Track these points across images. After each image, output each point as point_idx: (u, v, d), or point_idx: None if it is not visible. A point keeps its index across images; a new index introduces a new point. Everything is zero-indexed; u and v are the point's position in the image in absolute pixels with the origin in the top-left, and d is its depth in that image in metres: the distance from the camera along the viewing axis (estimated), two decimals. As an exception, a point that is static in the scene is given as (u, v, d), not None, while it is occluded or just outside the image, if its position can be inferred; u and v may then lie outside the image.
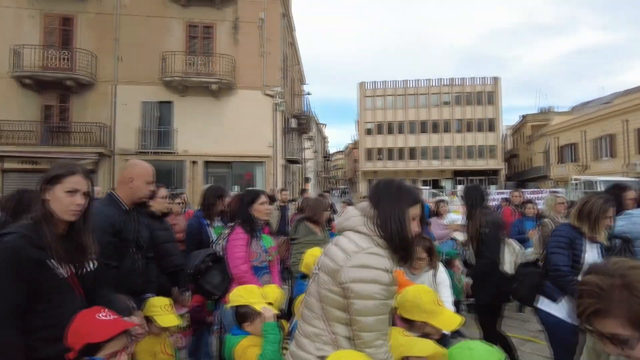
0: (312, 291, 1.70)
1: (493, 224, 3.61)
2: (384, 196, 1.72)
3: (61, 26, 17.77)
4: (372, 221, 1.67)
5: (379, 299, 1.53)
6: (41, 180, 1.81)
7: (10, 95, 17.16)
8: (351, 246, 1.62)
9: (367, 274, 1.54)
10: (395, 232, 1.63)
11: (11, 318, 1.61)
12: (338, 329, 1.59)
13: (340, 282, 1.56)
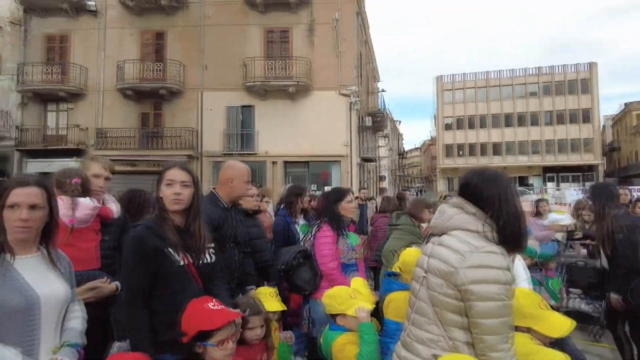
0: (422, 295, 1.63)
1: (628, 228, 3.19)
2: (490, 189, 1.60)
3: (155, 41, 19.46)
4: (482, 217, 1.57)
5: (501, 299, 1.45)
6: (156, 181, 2.03)
7: (115, 106, 19.23)
8: (463, 246, 1.53)
9: (487, 274, 1.46)
10: (512, 227, 1.54)
11: (141, 298, 1.85)
12: (456, 334, 1.52)
13: (457, 284, 1.49)
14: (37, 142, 19.17)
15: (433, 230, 1.75)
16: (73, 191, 2.18)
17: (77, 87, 19.08)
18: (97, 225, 2.38)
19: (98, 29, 19.47)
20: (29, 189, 1.58)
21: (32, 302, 1.54)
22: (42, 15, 19.59)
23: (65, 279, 1.71)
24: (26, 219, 1.55)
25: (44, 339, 1.58)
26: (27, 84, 18.96)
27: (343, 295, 2.35)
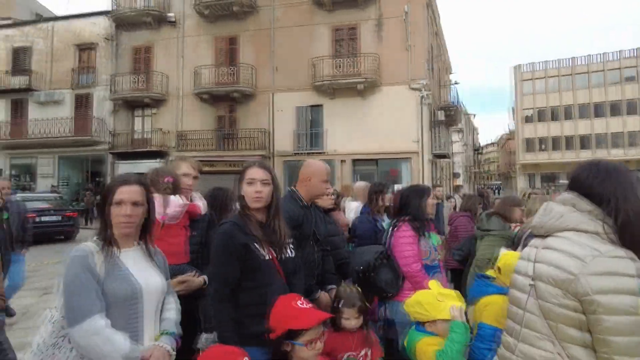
0: (531, 307, 1.42)
1: None
2: (606, 184, 1.37)
3: (228, 46, 20.37)
4: (601, 216, 1.34)
5: (636, 313, 1.22)
6: (237, 180, 2.09)
7: (193, 110, 20.47)
8: (582, 250, 1.31)
9: (617, 283, 1.23)
10: (637, 228, 1.29)
11: (228, 292, 1.92)
12: (576, 352, 1.30)
13: (578, 294, 1.28)
14: (126, 145, 21.00)
15: (536, 232, 1.55)
16: (165, 189, 2.28)
17: (159, 93, 20.59)
18: (186, 221, 2.48)
19: (177, 38, 20.83)
20: (132, 187, 1.70)
21: (136, 292, 1.64)
22: (129, 30, 21.39)
23: (161, 272, 1.79)
24: (130, 215, 1.66)
25: (146, 327, 1.68)
26: (118, 92, 20.84)
27: (430, 301, 2.21)
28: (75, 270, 1.57)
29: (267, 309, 1.83)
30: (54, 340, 1.60)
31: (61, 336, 1.61)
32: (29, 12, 26.95)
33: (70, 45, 22.45)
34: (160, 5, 20.81)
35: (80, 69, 22.35)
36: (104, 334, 1.52)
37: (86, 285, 1.55)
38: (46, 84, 22.55)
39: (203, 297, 2.47)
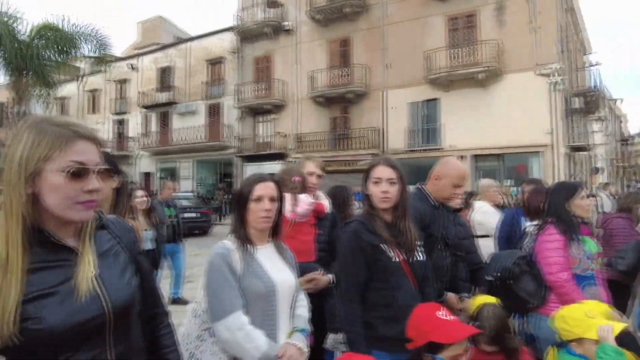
0: None
1: None
2: None
3: (340, 48, 20.73)
4: None
5: None
6: (363, 178, 2.03)
7: (309, 113, 21.33)
8: None
9: None
10: None
11: (357, 293, 1.86)
12: None
13: None
14: (251, 149, 22.80)
15: None
16: (294, 188, 2.34)
17: (279, 99, 21.89)
18: (313, 220, 2.51)
19: (293, 45, 21.90)
20: (268, 184, 1.76)
21: (270, 288, 1.67)
22: (252, 42, 23.17)
23: (292, 269, 1.82)
24: (269, 209, 1.72)
25: (281, 324, 1.71)
26: (243, 101, 22.72)
27: (576, 316, 1.88)
28: (219, 266, 1.65)
29: (396, 313, 1.76)
30: (198, 332, 1.71)
31: (204, 329, 1.71)
32: (172, 37, 30.97)
33: (203, 61, 25.21)
34: (278, 15, 22.11)
35: (211, 82, 24.94)
36: (246, 330, 1.57)
37: (229, 281, 1.62)
38: (185, 97, 25.71)
39: (329, 296, 2.47)
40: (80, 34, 13.50)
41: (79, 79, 30.71)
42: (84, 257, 1.01)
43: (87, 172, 0.98)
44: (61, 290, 0.96)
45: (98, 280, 1.01)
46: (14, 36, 12.30)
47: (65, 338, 0.94)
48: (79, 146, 0.98)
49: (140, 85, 27.89)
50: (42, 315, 0.91)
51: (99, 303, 0.99)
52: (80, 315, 0.96)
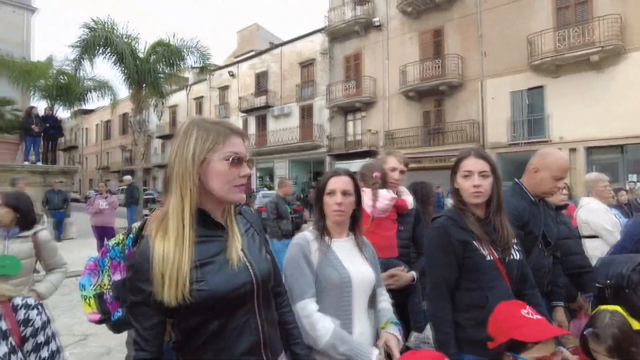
0: None
1: None
2: None
3: (433, 39, 19.96)
4: None
5: None
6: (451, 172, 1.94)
7: (399, 109, 20.93)
8: None
9: None
10: None
11: (446, 290, 1.78)
12: None
13: None
14: (341, 147, 23.09)
15: None
16: (374, 184, 2.32)
17: (368, 96, 21.81)
18: (394, 216, 2.46)
19: (382, 41, 21.65)
20: (342, 178, 1.79)
21: (346, 279, 1.68)
22: (341, 41, 23.44)
23: (371, 264, 1.80)
24: (340, 203, 1.74)
25: (356, 316, 1.70)
26: (333, 100, 23.09)
27: None
28: (294, 255, 1.71)
29: (488, 315, 1.62)
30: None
31: None
32: (267, 42, 32.66)
33: (295, 64, 26.17)
34: (367, 12, 22.04)
35: (302, 84, 25.79)
36: (313, 318, 1.59)
37: (302, 270, 1.67)
38: (279, 100, 26.95)
39: (412, 294, 2.41)
40: (185, 47, 14.90)
41: (186, 88, 34.04)
42: (233, 233, 1.21)
43: (241, 161, 1.19)
44: (218, 260, 1.15)
45: (245, 253, 1.20)
46: (134, 54, 14.01)
47: (224, 300, 1.11)
48: (234, 140, 1.19)
49: (239, 91, 29.91)
50: (207, 279, 1.10)
51: (248, 272, 1.18)
52: (235, 280, 1.14)
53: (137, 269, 1.09)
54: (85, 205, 8.83)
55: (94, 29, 13.30)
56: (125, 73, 14.14)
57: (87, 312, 1.67)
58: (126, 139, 35.79)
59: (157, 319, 1.09)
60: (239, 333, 1.16)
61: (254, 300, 1.19)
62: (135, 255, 1.12)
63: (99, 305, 1.65)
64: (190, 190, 1.11)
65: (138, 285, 1.08)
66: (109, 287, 1.67)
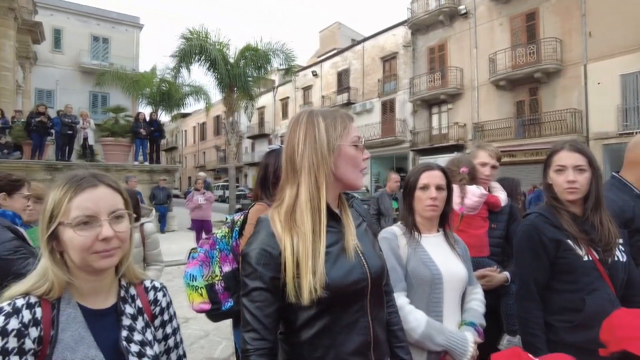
0: None
1: None
2: None
3: (525, 23, 18.45)
4: None
5: None
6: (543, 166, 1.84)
7: (489, 99, 19.71)
8: None
9: None
10: None
11: (535, 291, 1.70)
12: None
13: None
14: (425, 142, 22.38)
15: None
16: (461, 180, 2.24)
17: (454, 88, 20.86)
18: (485, 213, 2.36)
19: (469, 29, 20.53)
20: (435, 172, 1.77)
21: (436, 276, 1.66)
22: (424, 32, 22.70)
23: (463, 261, 1.76)
24: (435, 197, 1.72)
25: (447, 314, 1.67)
26: (416, 94, 22.47)
27: None
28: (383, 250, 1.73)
29: (585, 319, 1.54)
30: None
31: None
32: (348, 40, 32.80)
33: (377, 59, 25.93)
34: (452, 1, 21.07)
35: (384, 79, 25.46)
36: (405, 310, 1.58)
37: (391, 263, 1.66)
38: (360, 96, 26.93)
39: (506, 295, 2.29)
40: (272, 51, 15.56)
41: (272, 90, 35.51)
42: (349, 226, 1.15)
43: (362, 146, 1.18)
44: (333, 252, 1.10)
45: (359, 247, 1.15)
46: (225, 60, 14.99)
47: (340, 295, 1.06)
48: (353, 124, 1.18)
49: (321, 90, 30.46)
50: (326, 270, 1.05)
51: (363, 268, 1.12)
52: (352, 275, 1.09)
53: (258, 255, 1.06)
54: (185, 201, 9.67)
55: (190, 38, 14.50)
56: (217, 78, 15.20)
57: (197, 301, 1.80)
58: (220, 139, 38.46)
59: (277, 306, 1.07)
60: (349, 331, 1.09)
61: (366, 298, 1.12)
62: (254, 242, 1.09)
63: (210, 295, 1.78)
64: (326, 178, 1.10)
65: (260, 271, 1.05)
66: (220, 278, 1.80)
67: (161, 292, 1.12)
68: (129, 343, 0.96)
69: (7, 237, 2.05)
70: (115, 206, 0.95)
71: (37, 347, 0.86)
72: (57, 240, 0.93)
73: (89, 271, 0.94)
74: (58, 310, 0.91)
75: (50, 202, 0.93)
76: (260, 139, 38.27)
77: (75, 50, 25.33)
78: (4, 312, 0.86)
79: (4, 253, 2.00)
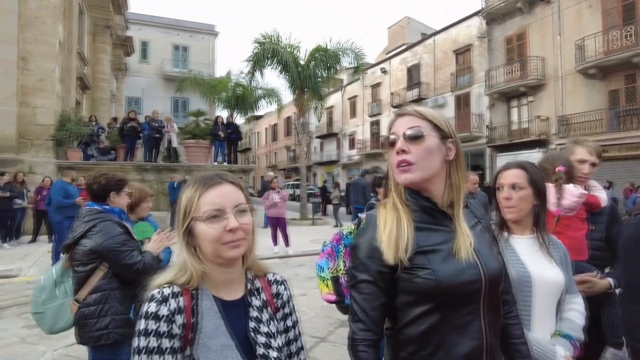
0: None
1: None
2: None
3: (621, 2, 16.62)
4: None
5: None
6: None
7: (576, 90, 18.09)
8: None
9: None
10: None
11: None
12: None
13: None
14: (503, 137, 21.09)
15: None
16: (557, 179, 2.08)
17: (535, 79, 19.42)
18: (584, 214, 2.17)
19: (552, 14, 18.99)
20: (510, 171, 1.68)
21: (525, 279, 1.56)
22: (500, 22, 21.40)
23: (560, 265, 1.64)
24: (507, 197, 1.65)
25: (536, 320, 1.57)
26: (493, 86, 21.26)
27: None
28: None
29: None
30: None
31: None
32: (418, 35, 31.96)
33: (449, 52, 24.96)
34: (532, -15, 19.66)
35: (458, 72, 24.42)
36: None
37: None
38: (432, 91, 26.11)
39: (609, 304, 2.10)
40: (341, 50, 15.65)
41: (341, 89, 35.69)
42: (461, 225, 1.13)
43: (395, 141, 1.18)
44: (443, 249, 1.08)
45: (474, 247, 1.11)
46: (296, 62, 15.35)
47: (451, 293, 1.05)
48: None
49: (390, 87, 30.01)
50: (434, 267, 1.05)
51: (477, 269, 1.08)
52: (463, 275, 1.05)
53: (366, 248, 1.10)
54: (262, 199, 10.07)
55: (262, 43, 15.04)
56: (289, 80, 15.61)
57: (325, 291, 1.92)
58: (290, 140, 39.53)
59: (384, 300, 1.09)
60: (461, 333, 1.07)
61: (480, 301, 1.08)
62: (363, 235, 1.14)
63: (335, 288, 1.87)
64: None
65: (367, 263, 1.09)
66: (344, 272, 1.88)
67: (282, 285, 1.17)
68: (257, 334, 1.02)
69: (117, 231, 2.32)
70: (239, 201, 1.02)
71: (181, 333, 0.95)
72: (191, 236, 1.02)
73: (220, 262, 1.01)
74: (197, 300, 0.99)
75: (184, 200, 1.03)
76: (329, 138, 38.66)
77: (159, 59, 27.49)
78: (155, 299, 0.96)
79: (115, 245, 2.27)
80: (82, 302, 2.25)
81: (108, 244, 2.24)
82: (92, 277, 2.27)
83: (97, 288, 2.26)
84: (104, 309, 2.24)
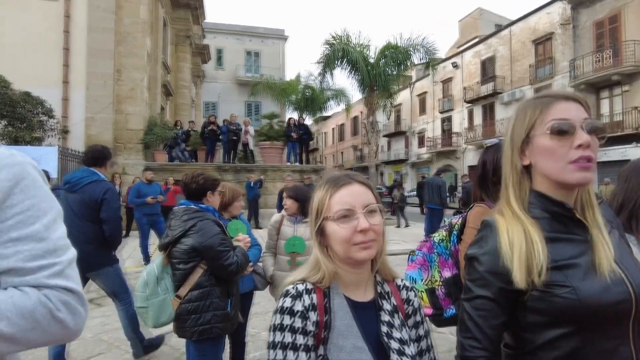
0: None
1: None
2: None
3: None
4: None
5: None
6: None
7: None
8: None
9: None
10: None
11: None
12: None
13: None
14: (593, 132, 19.25)
15: None
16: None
17: (632, 66, 17.52)
18: None
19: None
20: None
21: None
22: (588, 5, 19.59)
23: None
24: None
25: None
26: (579, 77, 19.55)
27: None
28: None
29: None
30: None
31: None
32: (492, 26, 30.31)
33: (527, 43, 23.34)
34: (626, -38, 17.75)
35: (537, 63, 22.77)
36: None
37: None
38: (508, 85, 24.61)
39: None
40: (412, 46, 15.29)
41: (409, 86, 34.90)
42: (602, 234, 0.97)
43: (572, 128, 0.94)
44: (581, 264, 0.93)
45: (617, 260, 0.95)
46: (365, 61, 15.27)
47: (595, 315, 0.91)
48: (560, 106, 0.97)
49: (463, 81, 28.78)
50: (574, 285, 0.91)
51: (624, 286, 0.92)
52: (610, 294, 0.90)
53: (489, 262, 0.97)
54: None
55: (332, 44, 15.16)
56: (358, 79, 15.58)
57: None
58: (357, 139, 39.48)
59: (504, 319, 0.97)
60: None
61: (629, 322, 0.92)
62: (485, 246, 0.99)
63: (432, 300, 1.76)
64: (513, 177, 1.02)
65: (487, 278, 0.97)
66: (440, 284, 1.78)
67: (412, 291, 1.12)
68: (390, 339, 0.98)
69: (216, 230, 2.38)
70: (369, 201, 1.00)
71: (315, 330, 0.94)
72: (323, 235, 1.02)
73: (350, 263, 1.00)
74: (329, 298, 0.99)
75: (315, 200, 1.04)
76: (397, 137, 37.99)
77: (233, 65, 28.82)
78: (290, 294, 0.97)
79: (216, 244, 2.33)
80: (183, 299, 2.32)
81: (209, 243, 2.30)
82: (193, 274, 2.33)
83: (198, 285, 2.33)
84: (205, 304, 2.32)
